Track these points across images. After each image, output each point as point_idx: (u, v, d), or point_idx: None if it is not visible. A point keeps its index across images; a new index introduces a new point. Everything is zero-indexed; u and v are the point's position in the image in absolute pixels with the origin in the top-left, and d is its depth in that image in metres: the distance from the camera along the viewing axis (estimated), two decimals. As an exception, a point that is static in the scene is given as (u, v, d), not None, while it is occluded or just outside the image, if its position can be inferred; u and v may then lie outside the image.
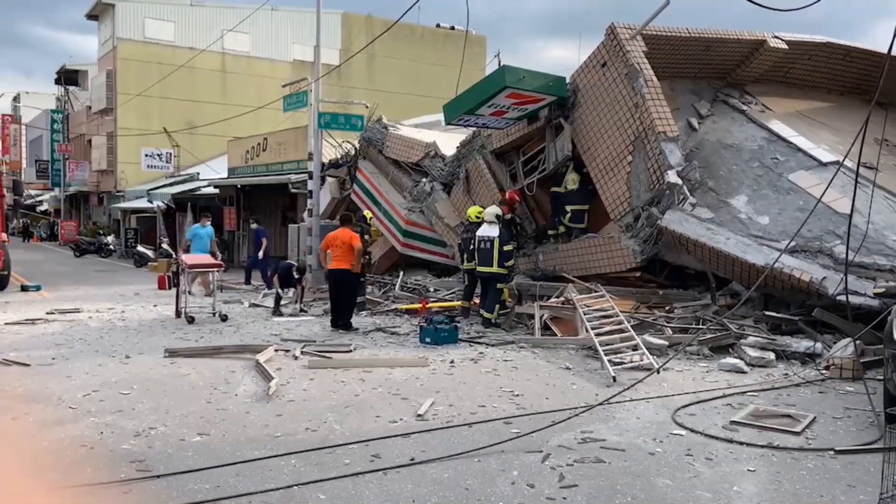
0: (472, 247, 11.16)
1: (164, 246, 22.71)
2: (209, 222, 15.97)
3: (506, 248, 10.59)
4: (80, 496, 4.30)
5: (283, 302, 12.52)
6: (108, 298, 14.67)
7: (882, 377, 6.26)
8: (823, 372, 7.62)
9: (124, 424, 5.75)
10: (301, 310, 12.49)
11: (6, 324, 11.13)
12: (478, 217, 11.46)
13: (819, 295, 8.66)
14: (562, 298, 10.36)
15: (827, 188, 8.00)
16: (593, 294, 10.07)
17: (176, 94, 32.98)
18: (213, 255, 14.35)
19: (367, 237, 13.20)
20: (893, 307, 6.20)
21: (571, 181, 11.99)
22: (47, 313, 12.21)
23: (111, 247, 29.32)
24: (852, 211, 7.39)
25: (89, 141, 38.32)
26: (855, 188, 6.97)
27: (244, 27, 31.77)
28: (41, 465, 4.83)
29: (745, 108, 12.25)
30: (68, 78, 42.69)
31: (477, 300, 11.50)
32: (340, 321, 10.71)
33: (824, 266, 8.88)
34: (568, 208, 12.09)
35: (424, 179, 15.19)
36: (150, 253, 23.96)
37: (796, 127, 11.78)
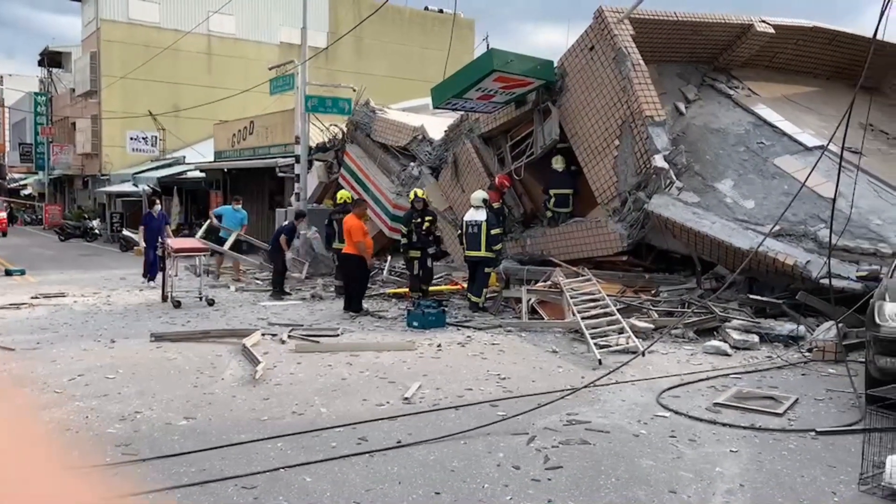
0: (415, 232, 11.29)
1: (150, 230, 22.52)
2: (240, 205, 15.80)
3: (493, 231, 10.60)
4: (66, 479, 4.29)
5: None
6: (94, 283, 14.57)
7: (863, 359, 6.34)
8: (806, 354, 7.71)
9: (110, 408, 5.74)
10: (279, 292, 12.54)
11: (-10, 308, 11.04)
12: (417, 200, 11.38)
13: (803, 278, 8.73)
14: (549, 282, 10.40)
15: (811, 172, 8.04)
16: (580, 278, 10.11)
17: (161, 76, 32.59)
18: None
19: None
20: (876, 290, 6.27)
21: (555, 161, 12.06)
22: (32, 298, 12.11)
23: (96, 231, 29.07)
24: (836, 195, 7.44)
25: (73, 124, 37.84)
26: (839, 172, 7.03)
27: (230, 9, 31.32)
28: (28, 448, 4.81)
29: (731, 92, 12.27)
30: (52, 60, 42.04)
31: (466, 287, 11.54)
32: (348, 305, 10.74)
33: (808, 250, 8.95)
34: (551, 192, 12.14)
35: (412, 164, 15.14)
36: (135, 237, 23.76)
37: (782, 111, 11.82)
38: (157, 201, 16.54)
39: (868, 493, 4.11)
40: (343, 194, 12.87)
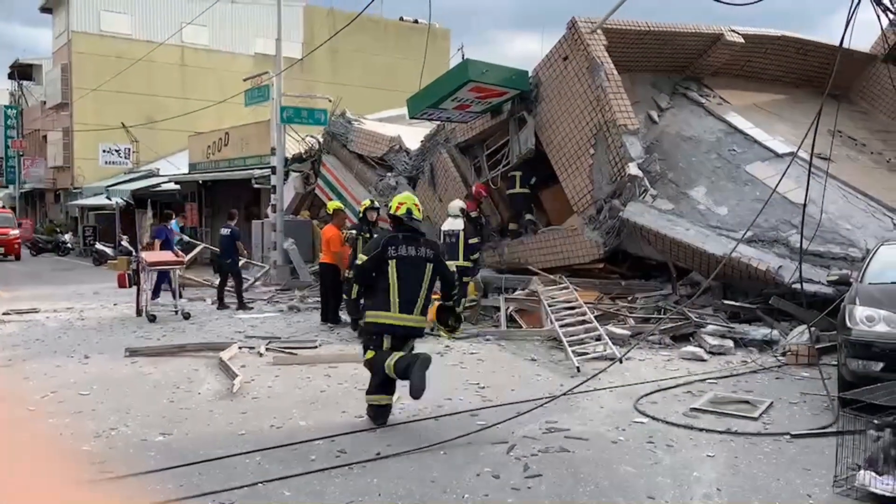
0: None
1: (124, 243, 22.26)
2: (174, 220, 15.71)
3: (471, 241, 10.61)
4: (40, 498, 4.22)
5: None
6: (67, 298, 14.36)
7: (836, 363, 6.45)
8: (780, 358, 7.81)
9: (84, 425, 5.65)
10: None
11: (-40, 325, 10.83)
12: (370, 210, 10.38)
13: (775, 283, 8.86)
14: (527, 291, 10.44)
15: (782, 179, 8.17)
16: (558, 286, 10.16)
17: (134, 88, 32.26)
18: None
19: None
20: (846, 294, 6.38)
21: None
22: (3, 314, 11.90)
23: (69, 245, 28.67)
24: (806, 201, 7.58)
25: (44, 137, 37.32)
26: (808, 178, 7.16)
27: (203, 20, 31.19)
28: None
29: (703, 100, 12.46)
30: (22, 72, 41.50)
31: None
32: (325, 316, 10.72)
33: (780, 255, 9.09)
34: (507, 192, 12.56)
35: (389, 174, 15.14)
36: (109, 251, 23.46)
37: (753, 119, 12.01)
38: (174, 214, 15.83)
39: (842, 494, 4.18)
40: (333, 204, 12.62)
